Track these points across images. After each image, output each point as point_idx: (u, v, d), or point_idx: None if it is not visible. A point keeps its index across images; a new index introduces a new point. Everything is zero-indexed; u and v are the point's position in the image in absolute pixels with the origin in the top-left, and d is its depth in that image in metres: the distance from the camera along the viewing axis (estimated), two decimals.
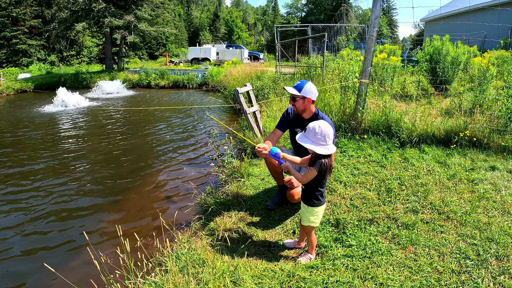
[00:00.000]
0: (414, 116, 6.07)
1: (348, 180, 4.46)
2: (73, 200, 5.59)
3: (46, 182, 6.30)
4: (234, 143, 7.29)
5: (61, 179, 6.47)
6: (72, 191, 5.92)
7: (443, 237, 3.18)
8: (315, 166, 2.75)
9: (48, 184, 6.25)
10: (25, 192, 5.93)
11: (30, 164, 7.24)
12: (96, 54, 47.77)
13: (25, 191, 5.95)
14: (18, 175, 6.72)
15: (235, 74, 15.47)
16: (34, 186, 6.19)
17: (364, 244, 3.13)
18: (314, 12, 61.72)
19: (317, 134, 2.69)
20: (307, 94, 3.49)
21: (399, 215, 3.56)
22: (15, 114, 13.97)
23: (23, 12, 39.06)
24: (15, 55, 38.98)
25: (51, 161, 7.43)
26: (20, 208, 5.36)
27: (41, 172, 6.79)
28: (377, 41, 23.56)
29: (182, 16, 68.93)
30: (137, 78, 24.56)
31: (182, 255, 3.15)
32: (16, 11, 38.31)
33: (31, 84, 23.66)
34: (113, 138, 9.34)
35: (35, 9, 40.37)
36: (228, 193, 4.60)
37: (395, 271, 2.78)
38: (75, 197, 5.71)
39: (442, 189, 4.07)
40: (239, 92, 6.55)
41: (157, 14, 29.80)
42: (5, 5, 37.69)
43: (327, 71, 10.36)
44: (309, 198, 2.93)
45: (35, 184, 6.25)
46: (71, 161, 7.46)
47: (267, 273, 2.86)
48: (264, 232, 3.61)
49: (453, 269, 2.76)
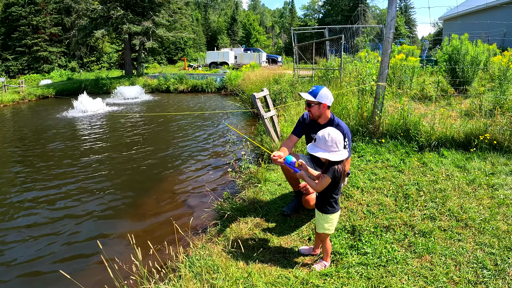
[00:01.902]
0: (433, 118, 5.96)
1: (365, 186, 4.42)
2: (90, 204, 5.74)
3: (66, 186, 6.48)
4: (252, 148, 7.33)
5: (79, 183, 6.65)
6: (90, 195, 6.07)
7: (460, 245, 3.11)
8: (329, 173, 2.74)
9: (67, 187, 6.44)
10: (46, 195, 6.13)
11: (51, 169, 7.44)
12: (115, 60, 48.63)
13: (45, 195, 6.15)
14: (40, 178, 6.93)
15: (253, 78, 15.55)
16: (54, 189, 6.39)
17: (380, 252, 3.10)
18: (331, 13, 61.43)
19: (327, 141, 2.69)
20: (322, 100, 3.48)
21: (416, 222, 3.51)
22: (37, 119, 14.37)
23: (43, 20, 40.31)
24: (36, 62, 40.19)
25: (70, 166, 7.62)
26: (40, 208, 5.61)
27: (61, 177, 6.97)
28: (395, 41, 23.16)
29: (200, 21, 69.53)
30: (156, 83, 24.90)
31: (196, 261, 3.18)
32: (36, 19, 39.61)
33: (52, 90, 24.24)
34: (132, 143, 9.50)
35: (54, 17, 41.67)
36: (245, 199, 4.62)
37: (410, 280, 2.75)
38: (93, 201, 5.86)
39: (461, 195, 3.98)
40: (256, 97, 6.58)
41: (175, 19, 30.15)
42: (25, 14, 39.00)
43: (345, 74, 10.30)
44: (323, 205, 2.92)
45: (56, 187, 6.45)
46: (90, 165, 7.64)
47: (281, 280, 2.87)
48: (279, 238, 3.61)
49: (470, 279, 2.70)
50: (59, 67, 41.81)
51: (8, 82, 25.96)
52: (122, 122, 13.04)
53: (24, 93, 22.69)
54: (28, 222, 5.27)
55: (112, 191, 6.28)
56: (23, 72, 39.23)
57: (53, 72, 38.82)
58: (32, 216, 5.45)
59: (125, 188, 6.40)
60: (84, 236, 4.80)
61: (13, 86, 24.57)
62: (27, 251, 4.49)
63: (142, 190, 6.29)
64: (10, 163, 8.12)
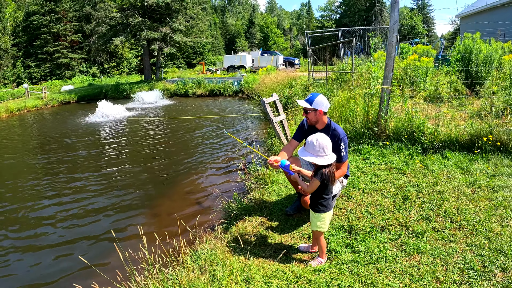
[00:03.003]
0: (439, 120, 6.01)
1: (366, 187, 4.57)
2: (106, 201, 6.22)
3: (86, 185, 6.99)
4: (262, 151, 7.51)
5: (98, 181, 7.18)
6: (107, 194, 6.55)
7: (451, 246, 3.19)
8: (317, 176, 2.95)
9: (88, 185, 7.01)
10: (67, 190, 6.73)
11: (74, 169, 7.87)
12: (135, 65, 49.58)
13: (67, 190, 6.73)
14: (63, 177, 7.46)
15: (268, 82, 15.77)
16: (76, 186, 6.99)
17: (372, 251, 3.25)
18: (348, 13, 61.19)
19: (315, 147, 2.89)
20: (318, 107, 3.66)
21: (411, 223, 3.63)
22: (60, 123, 14.98)
23: (63, 28, 41.58)
24: (58, 68, 41.44)
25: (92, 168, 8.08)
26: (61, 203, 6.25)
27: (84, 178, 7.43)
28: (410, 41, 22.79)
29: (218, 24, 70.14)
30: (174, 88, 25.37)
31: (202, 255, 3.41)
32: (57, 27, 40.89)
33: (74, 95, 24.97)
34: (149, 146, 9.88)
35: (75, 25, 42.99)
36: (252, 200, 4.84)
37: (396, 278, 2.88)
38: (109, 199, 6.33)
39: (459, 197, 4.05)
40: (265, 103, 6.78)
41: (192, 25, 30.61)
42: (46, 22, 40.27)
43: (357, 76, 10.36)
44: (315, 205, 3.13)
45: (77, 184, 7.06)
46: (109, 166, 8.10)
47: (277, 274, 3.06)
48: (281, 236, 3.81)
49: (455, 279, 2.78)
50: (80, 73, 42.99)
51: (31, 88, 26.88)
52: (141, 125, 13.48)
53: (46, 99, 23.48)
54: (48, 210, 6.01)
55: (128, 189, 6.71)
56: (45, 78, 40.51)
57: (75, 78, 39.97)
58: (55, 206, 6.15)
59: (141, 187, 6.80)
60: (100, 228, 5.30)
61: (36, 92, 25.45)
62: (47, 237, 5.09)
63: (157, 190, 6.66)
64: (42, 155, 8.58)
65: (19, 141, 12.03)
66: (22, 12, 42.73)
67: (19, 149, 10.58)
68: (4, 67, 38.57)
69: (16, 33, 42.12)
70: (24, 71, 40.16)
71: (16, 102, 21.92)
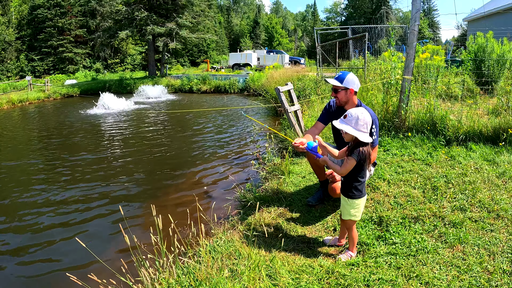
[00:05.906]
0: (460, 113, 5.80)
1: (391, 178, 4.31)
2: (115, 193, 5.84)
3: (93, 176, 6.62)
4: (276, 142, 7.29)
5: (104, 172, 6.83)
6: (116, 184, 6.18)
7: (493, 235, 2.98)
8: (354, 155, 2.66)
9: (94, 176, 6.62)
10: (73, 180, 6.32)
11: (78, 159, 7.57)
12: (139, 61, 49.39)
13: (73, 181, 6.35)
14: (68, 167, 7.13)
15: (276, 77, 15.51)
16: (82, 177, 6.60)
17: (409, 242, 2.99)
18: (353, 16, 60.92)
19: (359, 120, 2.60)
20: (349, 85, 3.41)
21: (446, 213, 3.38)
22: (61, 114, 14.78)
23: (68, 22, 41.43)
24: (62, 62, 41.27)
25: (97, 157, 7.77)
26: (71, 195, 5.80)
27: (91, 170, 7.06)
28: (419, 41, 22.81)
29: (223, 24, 69.95)
30: (179, 83, 25.11)
31: (218, 246, 3.15)
32: (61, 21, 40.72)
33: (77, 89, 24.76)
34: (157, 137, 9.64)
35: (80, 20, 42.79)
36: (268, 190, 4.58)
37: (442, 270, 2.64)
38: (118, 189, 5.97)
39: (491, 187, 3.82)
40: (280, 91, 6.54)
41: (198, 21, 30.38)
42: (51, 16, 40.13)
43: (369, 72, 10.14)
44: (348, 189, 2.84)
45: (84, 175, 6.67)
46: (116, 158, 7.78)
47: (305, 269, 2.80)
48: (303, 228, 3.55)
49: (505, 269, 2.58)
50: (84, 68, 42.76)
51: (34, 81, 26.64)
52: (147, 117, 13.22)
53: (49, 92, 23.29)
54: (63, 197, 5.70)
55: (137, 180, 6.41)
56: (48, 72, 40.29)
57: (78, 72, 39.67)
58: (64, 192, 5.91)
59: (150, 178, 6.49)
60: (108, 218, 4.97)
61: (38, 85, 25.26)
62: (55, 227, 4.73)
63: (167, 179, 6.35)
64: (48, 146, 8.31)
65: (20, 130, 11.85)
66: (27, 5, 42.55)
67: (20, 138, 10.35)
68: (7, 60, 38.41)
69: (20, 26, 41.94)
70: (28, 65, 39.97)
71: (18, 94, 21.71)
